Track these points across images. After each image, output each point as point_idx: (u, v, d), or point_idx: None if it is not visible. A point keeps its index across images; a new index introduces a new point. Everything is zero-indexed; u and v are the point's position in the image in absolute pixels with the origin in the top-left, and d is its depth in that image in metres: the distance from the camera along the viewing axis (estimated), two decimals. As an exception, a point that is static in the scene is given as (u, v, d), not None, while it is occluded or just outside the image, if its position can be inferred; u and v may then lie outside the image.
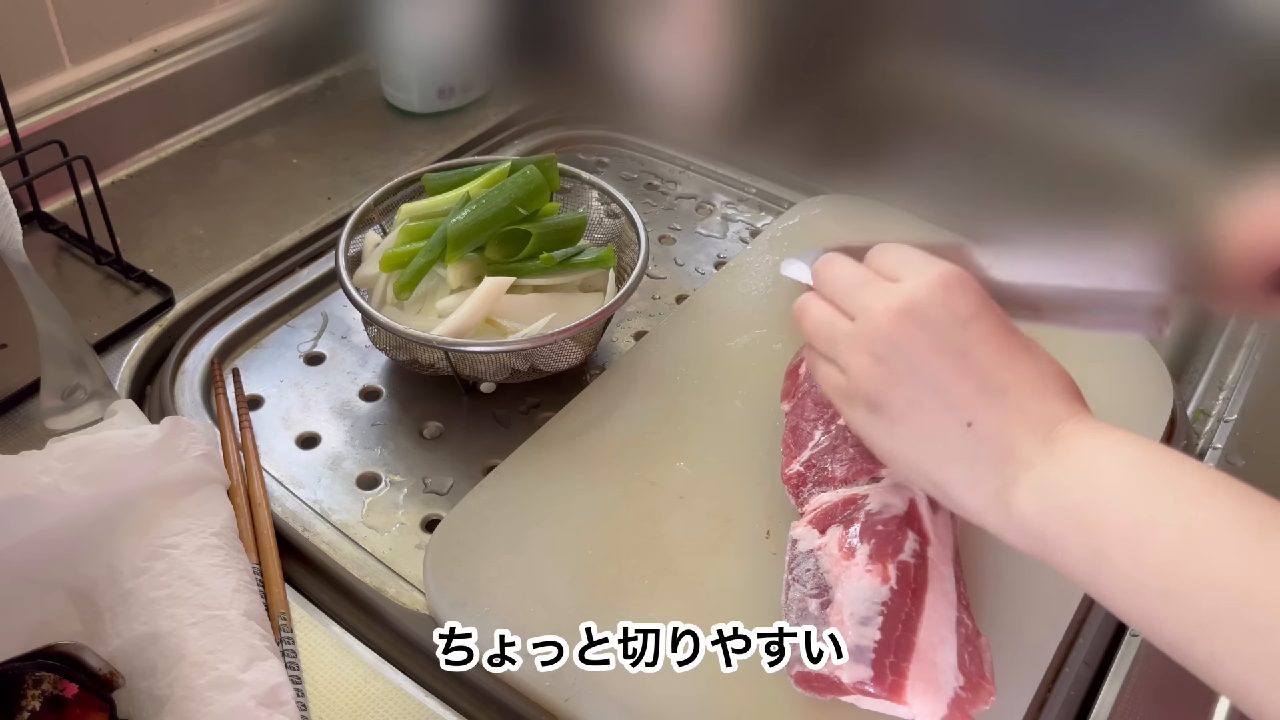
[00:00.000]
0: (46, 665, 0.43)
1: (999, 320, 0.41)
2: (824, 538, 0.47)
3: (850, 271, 0.44)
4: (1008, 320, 0.41)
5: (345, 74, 0.92)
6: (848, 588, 0.44)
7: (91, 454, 0.49)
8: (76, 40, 0.76)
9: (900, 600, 0.43)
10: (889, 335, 0.41)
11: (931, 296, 0.40)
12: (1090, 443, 0.38)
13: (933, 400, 0.40)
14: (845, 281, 0.44)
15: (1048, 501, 0.37)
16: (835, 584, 0.45)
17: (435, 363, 0.60)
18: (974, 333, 0.40)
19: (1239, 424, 0.61)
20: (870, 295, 0.42)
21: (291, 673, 0.46)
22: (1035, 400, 0.39)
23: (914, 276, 0.42)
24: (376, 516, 0.56)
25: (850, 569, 0.45)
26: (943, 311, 0.40)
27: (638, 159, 0.86)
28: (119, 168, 0.78)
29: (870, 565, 0.44)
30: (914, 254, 0.44)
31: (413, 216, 0.63)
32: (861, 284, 0.43)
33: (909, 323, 0.40)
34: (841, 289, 0.44)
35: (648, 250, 0.62)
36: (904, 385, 0.40)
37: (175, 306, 0.67)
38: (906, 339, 0.40)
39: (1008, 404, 0.39)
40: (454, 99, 0.87)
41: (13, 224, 0.57)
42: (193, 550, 0.48)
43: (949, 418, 0.39)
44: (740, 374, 0.62)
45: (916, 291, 0.41)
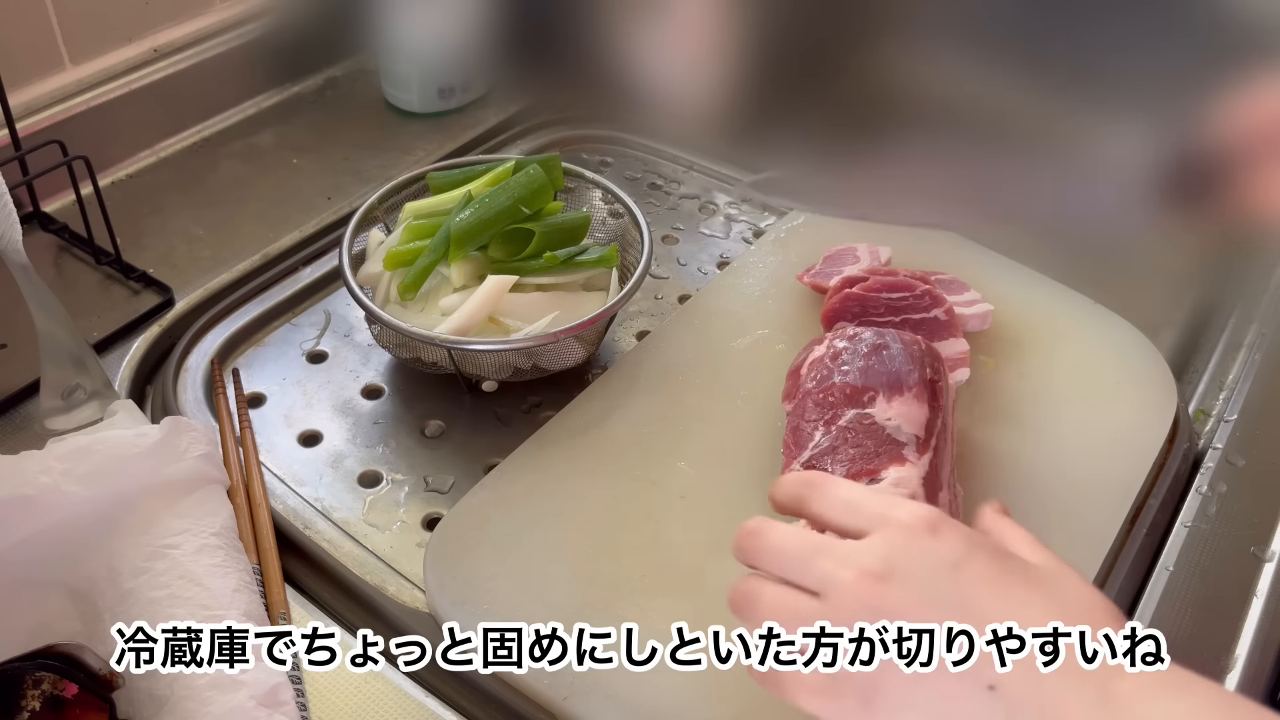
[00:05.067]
0: (46, 665, 0.43)
1: (992, 554, 0.35)
2: None
3: (793, 539, 0.37)
4: (1003, 549, 0.36)
5: (345, 74, 0.92)
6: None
7: (91, 454, 0.49)
8: (76, 40, 0.76)
9: None
10: (870, 606, 0.33)
11: (908, 549, 0.34)
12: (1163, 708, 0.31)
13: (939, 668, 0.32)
14: (793, 551, 0.37)
15: None
16: None
17: (438, 361, 0.60)
18: (967, 578, 0.34)
19: (1239, 424, 0.61)
20: (832, 563, 0.35)
21: (291, 672, 0.46)
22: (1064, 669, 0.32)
23: (878, 528, 0.35)
24: (378, 514, 0.56)
25: None
26: (925, 563, 0.34)
27: (641, 159, 0.86)
28: (119, 168, 0.78)
29: None
30: (865, 494, 0.38)
31: (417, 215, 0.63)
32: (814, 550, 0.36)
33: (889, 587, 0.34)
34: (791, 561, 0.36)
35: (651, 250, 0.62)
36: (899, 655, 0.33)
37: (175, 306, 0.67)
38: (891, 606, 0.33)
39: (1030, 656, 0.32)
40: (454, 99, 0.87)
41: (13, 224, 0.57)
42: (193, 550, 0.48)
43: (964, 685, 0.32)
44: (742, 374, 0.62)
45: (889, 547, 0.34)
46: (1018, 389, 0.60)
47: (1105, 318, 0.65)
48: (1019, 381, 0.60)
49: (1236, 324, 0.70)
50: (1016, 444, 0.57)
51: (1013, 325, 0.63)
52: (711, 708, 0.45)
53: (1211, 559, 0.54)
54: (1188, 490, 0.57)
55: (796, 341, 0.63)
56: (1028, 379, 0.60)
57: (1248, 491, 0.57)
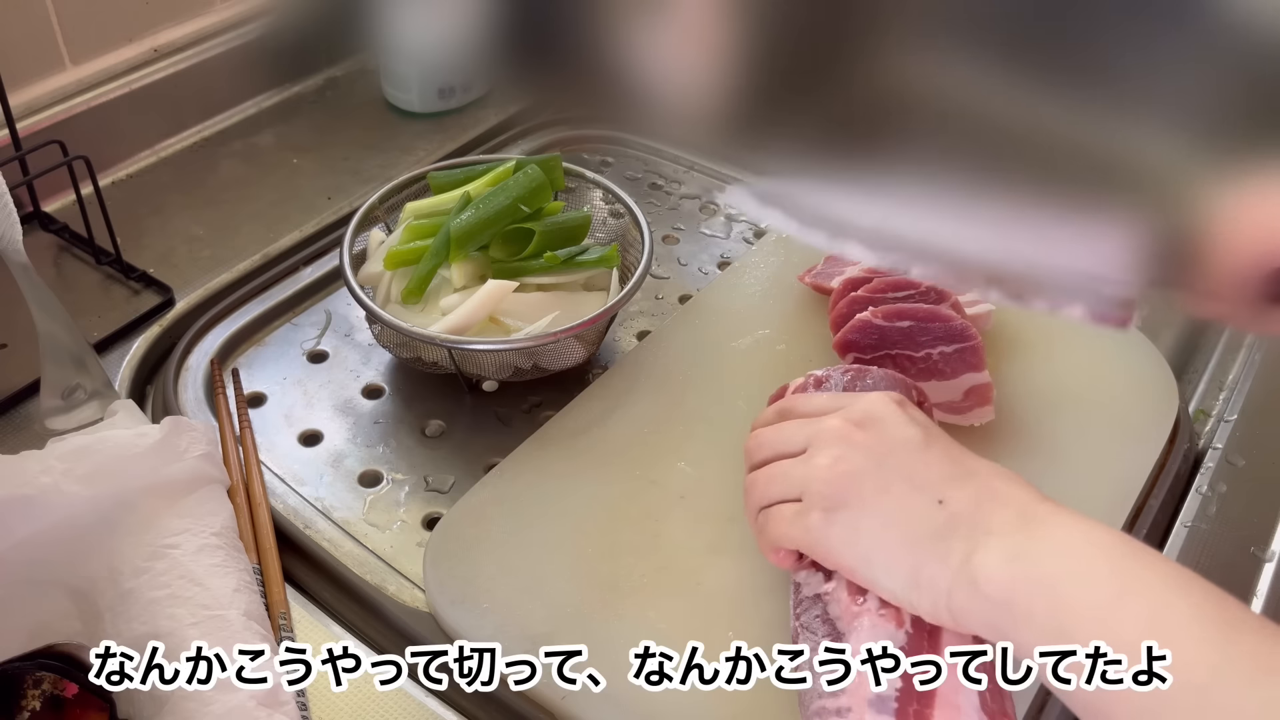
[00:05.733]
0: (46, 665, 0.43)
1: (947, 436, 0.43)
2: (830, 583, 0.44)
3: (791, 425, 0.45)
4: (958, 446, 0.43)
5: (345, 74, 0.92)
6: (862, 635, 0.42)
7: (91, 454, 0.49)
8: (76, 40, 0.76)
9: (918, 643, 0.41)
10: (849, 438, 0.41)
11: (885, 407, 0.42)
12: (1066, 521, 0.38)
13: (901, 484, 0.40)
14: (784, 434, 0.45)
15: (1019, 570, 0.37)
16: (849, 632, 0.42)
17: (439, 361, 0.60)
18: (932, 433, 0.41)
19: (1239, 424, 0.61)
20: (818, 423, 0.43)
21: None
22: (1004, 483, 0.40)
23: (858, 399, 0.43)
24: (378, 514, 0.56)
25: (862, 615, 0.42)
26: (898, 417, 0.41)
27: (641, 159, 0.86)
28: (119, 168, 0.78)
29: (883, 610, 0.42)
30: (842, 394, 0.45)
31: (417, 215, 0.63)
32: (802, 425, 0.44)
33: (867, 427, 0.41)
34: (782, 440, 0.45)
35: (652, 250, 0.62)
36: (869, 476, 0.40)
37: (175, 306, 0.67)
38: (867, 438, 0.41)
39: (978, 484, 0.39)
40: (454, 99, 0.87)
41: (13, 224, 0.57)
42: (193, 550, 0.48)
43: (919, 497, 0.39)
44: (743, 375, 0.62)
45: (868, 403, 0.42)
46: (1018, 390, 0.60)
47: (1105, 318, 0.65)
48: (1019, 382, 0.60)
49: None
50: (1016, 444, 0.57)
51: (1013, 325, 0.63)
52: (711, 708, 0.45)
53: (1211, 559, 0.54)
54: (1188, 490, 0.57)
55: (797, 342, 0.63)
56: (1028, 379, 0.60)
57: (1248, 491, 0.57)
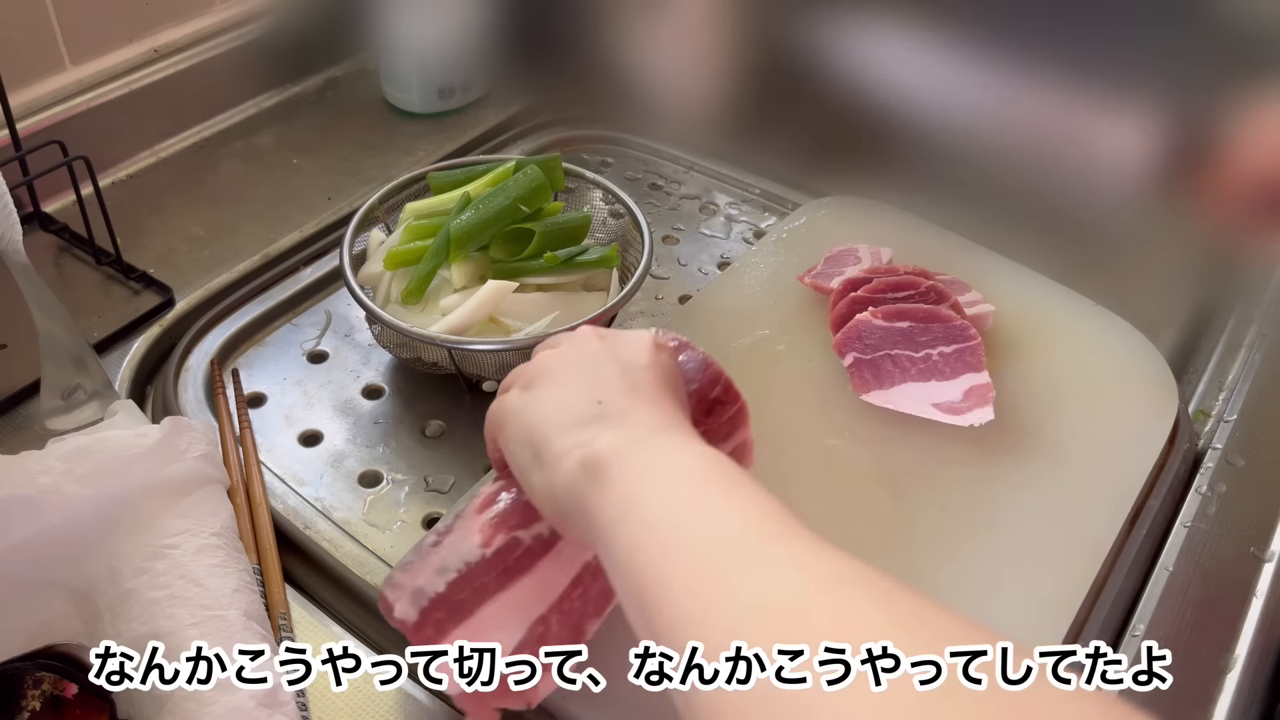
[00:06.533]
0: (46, 665, 0.43)
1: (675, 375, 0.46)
2: (488, 489, 0.46)
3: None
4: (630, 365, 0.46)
5: (345, 74, 0.92)
6: (455, 537, 0.44)
7: (91, 454, 0.49)
8: (76, 40, 0.76)
9: (485, 569, 0.42)
10: (540, 360, 0.45)
11: (588, 339, 0.45)
12: (689, 436, 0.40)
13: (583, 381, 0.43)
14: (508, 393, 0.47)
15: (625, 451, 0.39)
16: (451, 529, 0.44)
17: (439, 361, 0.60)
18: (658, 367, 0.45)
19: (1239, 424, 0.61)
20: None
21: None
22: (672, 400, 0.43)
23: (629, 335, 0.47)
24: (378, 514, 0.56)
25: (469, 523, 0.44)
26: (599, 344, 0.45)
27: (641, 159, 0.86)
28: (119, 168, 0.78)
29: (484, 528, 0.43)
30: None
31: (417, 215, 0.63)
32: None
33: (572, 343, 0.46)
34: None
35: (651, 250, 0.62)
36: (563, 368, 0.44)
37: (175, 306, 0.67)
38: (573, 346, 0.45)
39: (644, 399, 0.42)
40: (454, 99, 0.87)
41: (13, 224, 0.57)
42: (193, 550, 0.48)
43: (588, 394, 0.42)
44: (743, 375, 0.61)
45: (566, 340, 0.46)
46: (1018, 390, 0.59)
47: (1105, 318, 0.65)
48: (1019, 382, 0.60)
49: (1236, 324, 0.70)
50: (1017, 444, 0.57)
51: (1013, 325, 0.63)
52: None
53: (1211, 559, 0.54)
54: (1188, 490, 0.57)
55: (797, 342, 0.63)
56: (1028, 379, 0.60)
57: (1248, 491, 0.57)
